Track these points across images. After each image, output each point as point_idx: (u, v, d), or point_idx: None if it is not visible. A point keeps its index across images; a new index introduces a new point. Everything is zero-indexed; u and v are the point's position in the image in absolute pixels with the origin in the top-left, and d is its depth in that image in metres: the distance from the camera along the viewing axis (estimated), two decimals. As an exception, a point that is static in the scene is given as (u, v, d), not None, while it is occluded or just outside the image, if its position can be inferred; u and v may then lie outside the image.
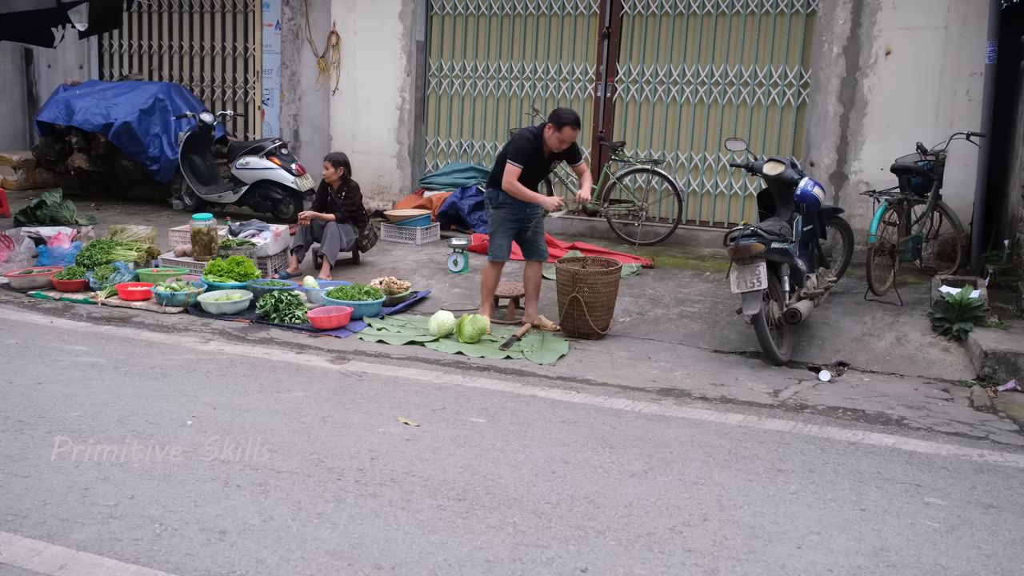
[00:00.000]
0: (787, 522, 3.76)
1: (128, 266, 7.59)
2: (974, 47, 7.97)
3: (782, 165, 6.58)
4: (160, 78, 12.32)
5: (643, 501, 3.91)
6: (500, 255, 6.72)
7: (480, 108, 10.54)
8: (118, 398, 5.01)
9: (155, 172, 10.83)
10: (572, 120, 6.32)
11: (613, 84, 9.80)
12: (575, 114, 6.39)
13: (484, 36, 10.42)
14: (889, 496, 4.05)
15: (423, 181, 10.36)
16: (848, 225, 7.52)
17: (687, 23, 9.43)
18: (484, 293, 6.81)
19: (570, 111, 6.44)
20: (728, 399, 5.45)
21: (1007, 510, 3.95)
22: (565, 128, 6.30)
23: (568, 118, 6.32)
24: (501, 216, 6.67)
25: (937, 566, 3.44)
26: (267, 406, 4.96)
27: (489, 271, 6.75)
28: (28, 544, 3.39)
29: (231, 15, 11.89)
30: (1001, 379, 5.76)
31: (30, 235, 8.46)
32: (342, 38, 10.90)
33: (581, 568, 3.33)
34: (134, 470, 4.06)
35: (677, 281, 7.80)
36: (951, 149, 7.65)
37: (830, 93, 8.64)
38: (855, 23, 8.48)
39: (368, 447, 4.41)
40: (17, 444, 4.30)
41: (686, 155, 9.55)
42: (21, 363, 5.62)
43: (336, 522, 3.62)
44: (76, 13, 8.87)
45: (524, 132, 6.58)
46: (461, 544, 3.48)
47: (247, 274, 7.36)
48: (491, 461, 4.29)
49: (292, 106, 11.44)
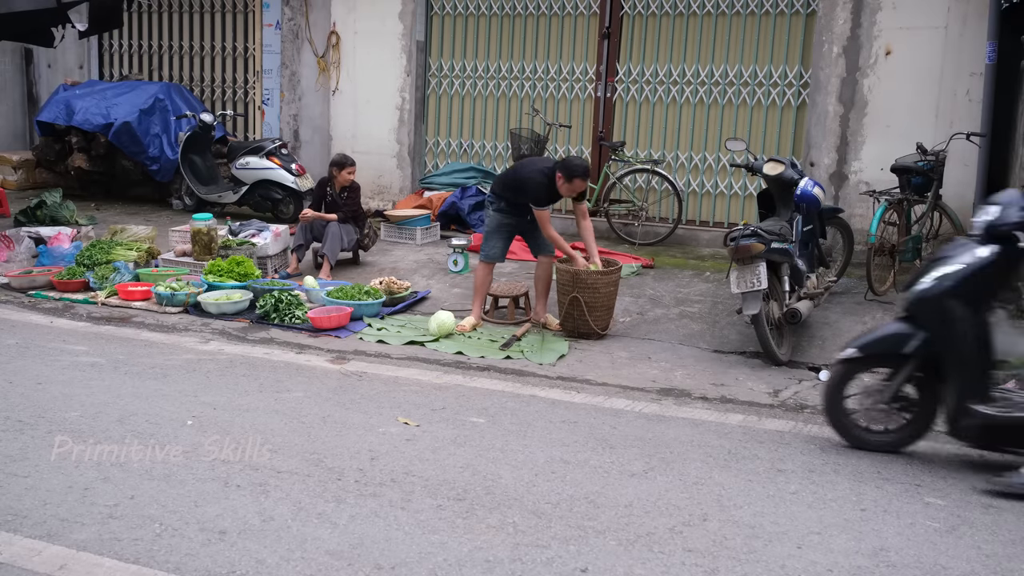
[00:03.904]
0: (787, 522, 3.76)
1: (128, 266, 7.59)
2: (974, 47, 7.96)
3: (782, 165, 6.58)
4: (160, 78, 12.32)
5: (643, 501, 3.91)
6: (493, 256, 6.74)
7: (480, 108, 10.53)
8: (118, 398, 5.01)
9: (155, 172, 10.82)
10: (582, 172, 6.40)
11: (613, 84, 9.79)
12: (585, 166, 6.44)
13: (484, 36, 10.42)
14: (889, 496, 4.05)
15: (423, 181, 10.36)
16: (848, 225, 7.52)
17: (687, 23, 9.43)
18: (475, 293, 6.83)
19: (581, 163, 6.45)
20: (728, 399, 5.45)
21: (1007, 510, 3.95)
22: (575, 180, 6.38)
23: (578, 170, 6.37)
24: (500, 220, 6.68)
25: (937, 566, 3.44)
26: (267, 406, 4.96)
27: (480, 271, 6.77)
28: (28, 544, 3.39)
29: (231, 15, 11.89)
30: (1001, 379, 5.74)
31: (30, 235, 8.46)
32: (342, 38, 10.90)
33: (581, 568, 3.33)
34: (134, 470, 4.06)
35: (677, 281, 7.80)
36: (951, 149, 7.65)
37: (830, 93, 8.64)
38: (855, 23, 8.48)
39: (368, 447, 4.41)
40: (17, 444, 4.30)
41: (686, 155, 9.55)
42: (21, 363, 5.62)
43: (336, 522, 3.62)
44: (76, 13, 8.86)
45: (537, 175, 6.44)
46: (461, 544, 3.48)
47: (247, 274, 7.35)
48: (491, 461, 4.29)
49: (292, 106, 11.44)
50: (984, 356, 4.37)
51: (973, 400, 4.30)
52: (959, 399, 4.34)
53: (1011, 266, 4.38)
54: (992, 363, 4.41)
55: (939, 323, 4.38)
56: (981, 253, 4.35)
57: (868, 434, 4.61)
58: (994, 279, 4.38)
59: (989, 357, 4.39)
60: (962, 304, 4.33)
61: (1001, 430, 4.27)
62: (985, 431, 4.30)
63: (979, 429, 4.30)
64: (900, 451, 4.57)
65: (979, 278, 4.34)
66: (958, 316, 4.33)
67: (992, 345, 4.39)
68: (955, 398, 4.36)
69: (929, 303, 4.40)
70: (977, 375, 4.36)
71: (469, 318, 6.75)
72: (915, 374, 4.49)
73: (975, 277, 4.33)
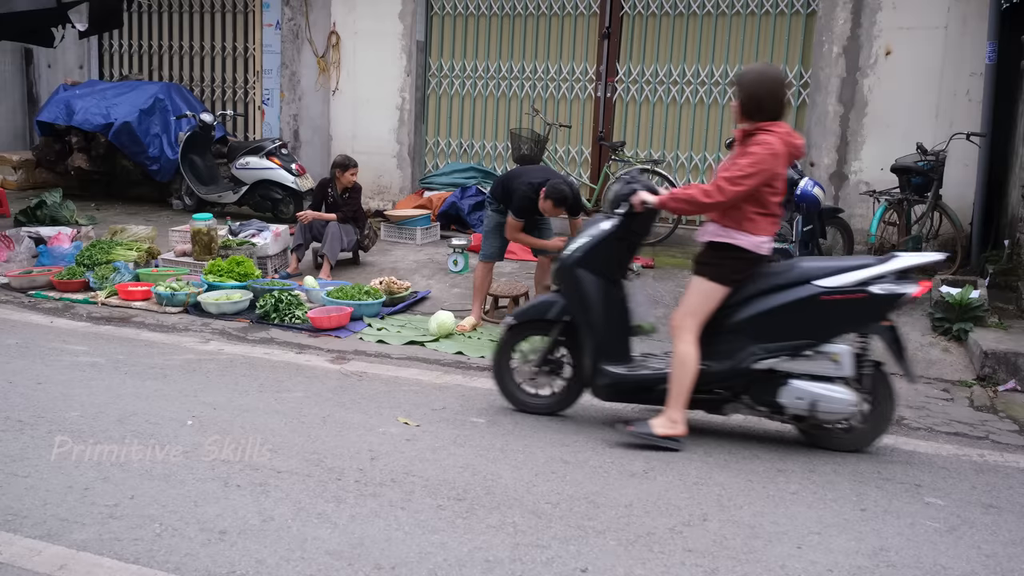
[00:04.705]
0: (787, 522, 3.76)
1: (128, 266, 7.59)
2: (974, 47, 7.97)
3: (782, 165, 6.57)
4: (160, 78, 12.32)
5: (643, 501, 3.91)
6: (492, 255, 6.75)
7: (480, 108, 10.54)
8: (118, 398, 5.01)
9: (155, 172, 10.82)
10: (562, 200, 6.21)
11: (613, 84, 9.80)
12: (564, 192, 6.21)
13: (484, 36, 10.42)
14: (889, 496, 4.05)
15: (423, 181, 10.36)
16: (848, 225, 7.53)
17: (687, 23, 9.44)
18: (475, 293, 6.84)
19: (566, 192, 6.24)
20: (728, 399, 5.44)
21: (1007, 510, 3.95)
22: (559, 207, 6.27)
23: (560, 197, 6.20)
24: (497, 220, 6.69)
25: (937, 566, 3.44)
26: (267, 406, 4.96)
27: (479, 270, 6.77)
28: (28, 544, 3.39)
29: (231, 15, 11.89)
30: (1001, 379, 5.76)
31: (30, 235, 8.45)
32: (342, 38, 10.90)
33: (581, 568, 3.33)
34: (134, 470, 4.06)
35: (677, 281, 7.80)
36: (951, 149, 7.65)
37: (830, 93, 8.64)
38: (855, 23, 8.48)
39: (368, 447, 4.41)
40: (17, 444, 4.30)
41: (686, 155, 9.55)
42: (21, 363, 5.62)
43: (336, 522, 3.62)
44: (76, 13, 8.86)
45: (525, 188, 6.38)
46: (461, 544, 3.48)
47: (247, 274, 7.35)
48: (491, 461, 4.29)
49: (292, 106, 11.44)
50: (615, 321, 4.73)
51: (605, 361, 4.67)
52: (594, 360, 4.71)
53: (630, 236, 4.72)
54: (627, 328, 4.76)
55: (572, 291, 4.75)
56: (604, 225, 4.71)
57: (531, 398, 4.99)
58: (616, 249, 4.71)
59: (621, 322, 4.74)
60: (590, 273, 4.69)
61: (628, 387, 4.67)
62: (615, 388, 4.69)
63: (609, 387, 4.69)
64: (560, 414, 4.94)
65: (602, 248, 4.69)
66: (586, 284, 4.69)
67: (626, 311, 4.75)
68: (591, 359, 4.72)
69: (563, 272, 4.78)
70: (608, 339, 4.70)
71: (469, 318, 6.75)
72: (561, 339, 4.86)
73: (599, 247, 4.69)
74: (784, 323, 4.40)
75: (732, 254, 4.42)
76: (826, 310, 4.36)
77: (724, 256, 4.45)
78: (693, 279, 4.54)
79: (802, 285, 4.39)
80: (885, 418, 4.51)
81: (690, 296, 4.52)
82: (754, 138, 4.33)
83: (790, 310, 4.38)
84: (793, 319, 4.38)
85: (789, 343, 4.41)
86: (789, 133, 4.39)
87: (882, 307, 4.35)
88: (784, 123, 4.40)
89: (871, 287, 4.33)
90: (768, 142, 4.28)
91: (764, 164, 4.25)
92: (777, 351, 4.42)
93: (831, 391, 4.39)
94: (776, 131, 4.32)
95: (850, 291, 4.34)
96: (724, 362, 4.48)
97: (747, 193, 4.28)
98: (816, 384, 4.40)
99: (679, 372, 4.43)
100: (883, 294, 4.31)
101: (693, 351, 4.43)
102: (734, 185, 4.26)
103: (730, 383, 4.53)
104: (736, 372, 4.47)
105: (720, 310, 4.47)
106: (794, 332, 4.40)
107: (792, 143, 4.38)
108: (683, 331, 4.46)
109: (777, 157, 4.28)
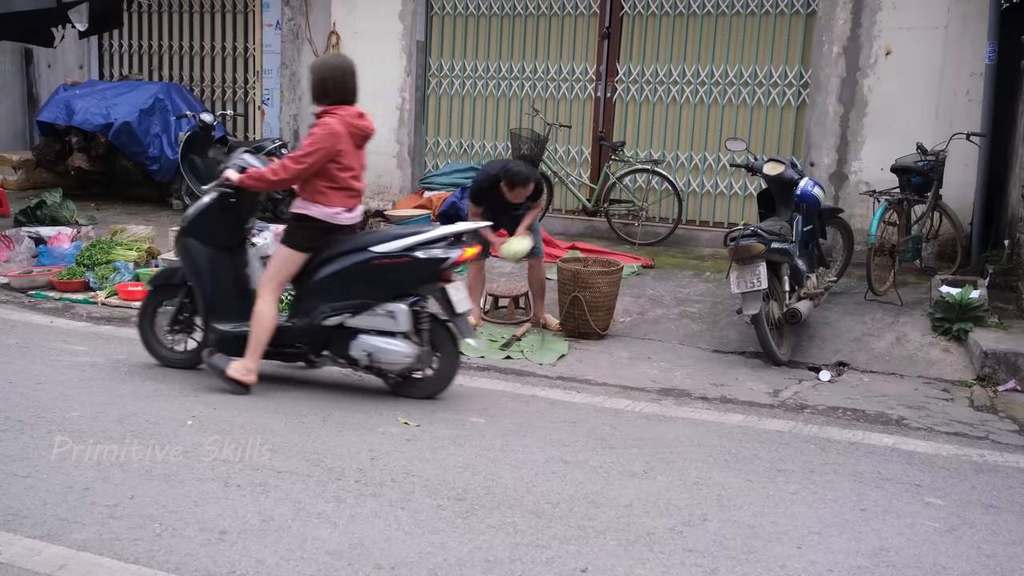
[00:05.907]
0: (787, 522, 3.76)
1: (128, 266, 7.59)
2: (974, 47, 7.97)
3: (782, 165, 6.58)
4: (160, 78, 12.32)
5: (643, 501, 3.91)
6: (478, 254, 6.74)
7: (480, 108, 10.54)
8: (118, 398, 5.01)
9: (155, 172, 10.82)
10: (522, 181, 6.30)
11: (613, 84, 9.80)
12: (524, 175, 6.29)
13: (484, 36, 10.42)
14: (889, 496, 4.05)
15: (423, 181, 10.36)
16: (848, 225, 7.52)
17: (687, 23, 9.43)
18: (469, 293, 6.79)
19: (521, 172, 6.32)
20: (728, 399, 5.45)
21: (1007, 510, 3.95)
22: (517, 188, 6.32)
23: (518, 179, 6.28)
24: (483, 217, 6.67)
25: (937, 566, 3.44)
26: (267, 406, 4.96)
27: (470, 270, 6.76)
28: (28, 544, 3.39)
29: (231, 15, 11.89)
30: (1001, 379, 5.76)
31: (30, 235, 8.44)
32: (342, 38, 10.90)
33: (581, 568, 3.33)
34: (134, 470, 4.06)
35: (677, 281, 7.80)
36: (951, 149, 7.65)
37: (830, 93, 8.64)
38: (855, 23, 8.48)
39: (368, 447, 4.41)
40: (17, 444, 4.30)
41: (686, 155, 9.55)
42: (21, 363, 5.62)
43: (336, 522, 3.62)
44: (76, 13, 8.86)
45: (486, 170, 6.52)
46: (461, 544, 3.48)
47: (247, 274, 7.35)
48: (491, 461, 4.29)
49: (292, 106, 11.44)
50: (223, 284, 5.23)
51: (215, 320, 5.20)
52: (205, 319, 5.25)
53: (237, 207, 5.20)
54: (238, 291, 5.28)
55: (183, 257, 5.29)
56: (205, 199, 5.22)
57: (172, 353, 5.54)
58: (221, 219, 5.20)
59: (229, 285, 5.25)
60: (197, 241, 5.21)
61: (233, 341, 5.13)
62: (223, 343, 5.18)
63: (219, 342, 5.19)
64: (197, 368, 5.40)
65: (204, 217, 5.21)
66: (194, 251, 5.21)
67: (238, 275, 5.29)
68: (203, 318, 5.27)
69: (177, 241, 5.33)
70: (216, 299, 5.22)
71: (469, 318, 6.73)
72: (186, 301, 5.39)
73: (201, 217, 5.22)
74: (345, 284, 4.98)
75: (307, 223, 4.98)
76: (378, 272, 4.96)
77: (300, 225, 5.00)
78: (278, 246, 5.13)
79: (360, 251, 4.97)
80: (451, 366, 5.11)
81: (273, 261, 5.08)
82: (319, 120, 4.90)
83: (349, 273, 4.97)
84: (352, 281, 4.97)
85: (350, 302, 4.98)
86: (355, 115, 4.93)
87: (428, 269, 4.95)
88: (353, 107, 4.94)
89: (416, 252, 4.94)
90: (328, 123, 4.85)
91: (322, 143, 4.82)
92: (341, 309, 4.99)
93: (388, 344, 4.96)
94: (338, 113, 4.88)
95: (397, 256, 4.94)
96: (303, 319, 5.06)
97: (310, 170, 4.85)
98: (378, 338, 4.97)
99: (256, 328, 5.01)
100: (426, 258, 4.94)
101: (268, 309, 4.99)
102: (296, 163, 4.85)
103: (310, 338, 5.10)
104: (312, 328, 5.05)
105: (303, 274, 5.04)
106: (354, 292, 4.98)
107: (355, 124, 4.92)
108: (264, 291, 5.04)
109: (336, 136, 4.83)
